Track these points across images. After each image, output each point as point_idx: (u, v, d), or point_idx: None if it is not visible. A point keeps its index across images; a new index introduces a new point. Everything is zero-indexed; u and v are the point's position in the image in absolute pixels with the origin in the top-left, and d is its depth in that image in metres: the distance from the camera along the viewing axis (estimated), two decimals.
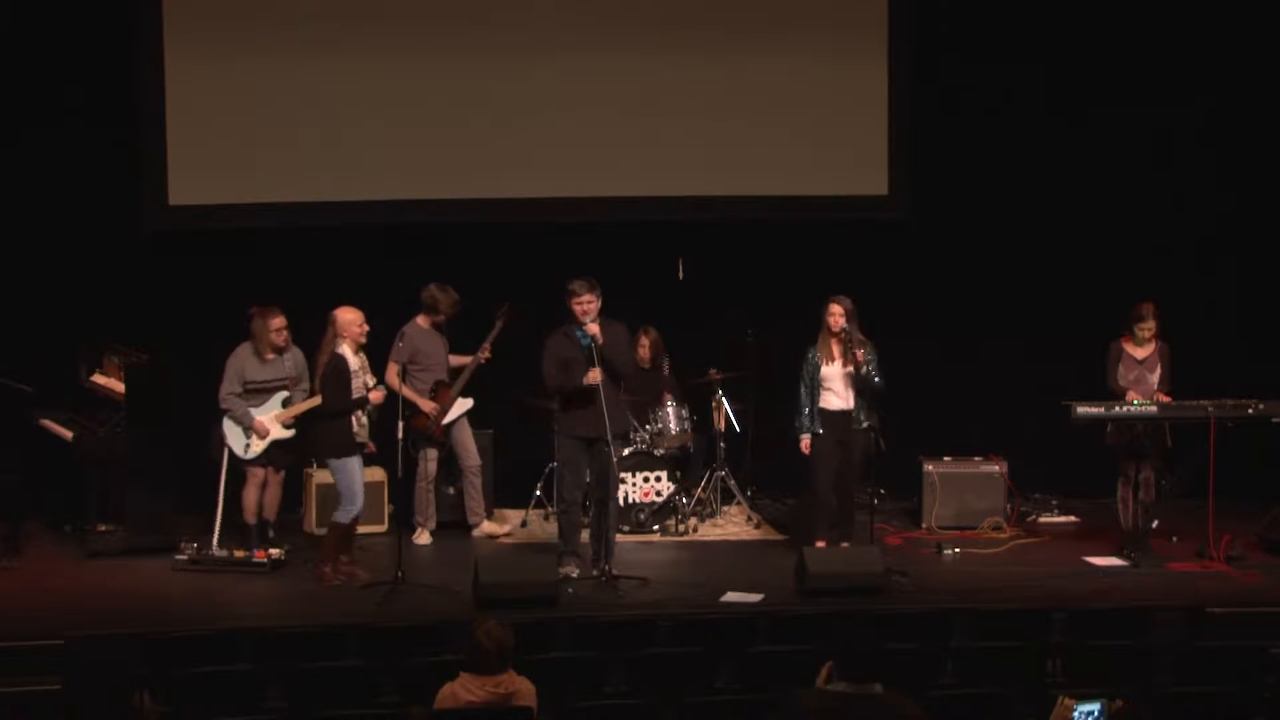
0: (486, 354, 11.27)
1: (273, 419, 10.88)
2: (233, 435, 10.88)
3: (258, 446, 10.88)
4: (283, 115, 11.97)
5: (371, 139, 12.06)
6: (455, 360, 11.40)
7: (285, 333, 10.90)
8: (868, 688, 6.31)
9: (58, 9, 11.71)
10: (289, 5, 12.03)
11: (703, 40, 12.32)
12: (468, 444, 11.46)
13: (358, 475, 10.28)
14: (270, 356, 10.91)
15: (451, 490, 11.70)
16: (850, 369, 10.55)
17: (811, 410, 10.68)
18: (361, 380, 10.24)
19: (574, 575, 10.35)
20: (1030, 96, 12.73)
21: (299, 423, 10.90)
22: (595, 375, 10.14)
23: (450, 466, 11.60)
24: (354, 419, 10.21)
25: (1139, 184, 12.85)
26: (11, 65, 11.71)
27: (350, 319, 10.19)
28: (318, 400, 10.45)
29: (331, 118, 12.00)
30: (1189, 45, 12.70)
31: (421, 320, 11.30)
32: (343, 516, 10.32)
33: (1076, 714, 6.71)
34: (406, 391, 10.77)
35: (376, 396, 10.27)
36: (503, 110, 12.16)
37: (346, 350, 10.19)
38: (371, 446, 10.45)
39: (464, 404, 11.41)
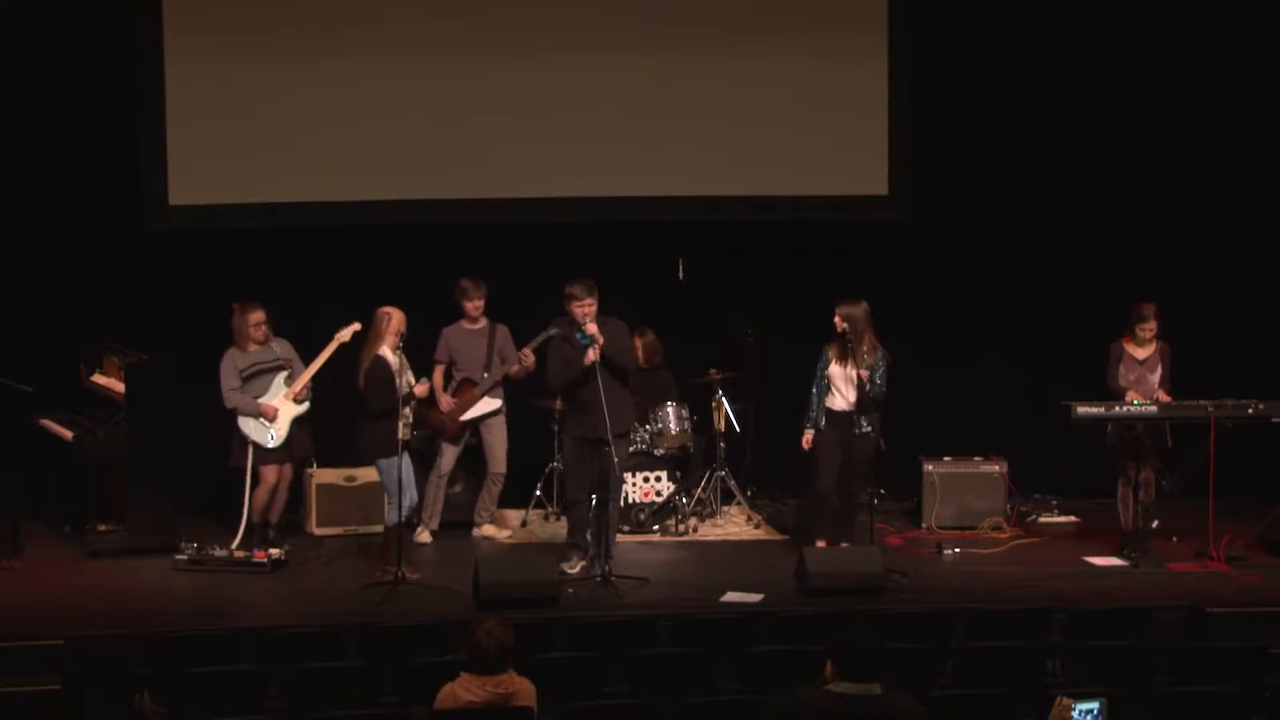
0: (530, 359, 11.09)
1: (282, 399, 10.87)
2: (254, 431, 10.84)
3: (281, 431, 10.84)
4: (282, 115, 11.97)
5: (371, 139, 12.05)
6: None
7: (264, 328, 10.90)
8: (868, 688, 6.31)
9: (58, 9, 11.71)
10: (289, 5, 12.02)
11: (703, 40, 12.31)
12: (497, 449, 11.41)
13: (406, 473, 10.30)
14: (252, 348, 10.91)
15: (456, 489, 11.69)
16: (852, 372, 10.56)
17: (818, 408, 10.69)
18: (404, 379, 10.30)
19: (577, 571, 10.39)
20: (1030, 95, 12.72)
21: (313, 400, 10.89)
22: (593, 355, 10.17)
23: (463, 467, 11.58)
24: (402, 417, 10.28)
25: (1140, 183, 12.84)
26: (11, 65, 11.71)
27: (391, 318, 10.33)
28: (315, 366, 10.53)
29: (331, 118, 11.99)
30: (1190, 44, 12.71)
31: (464, 322, 11.33)
32: (391, 517, 10.33)
33: (1076, 713, 6.71)
34: (436, 386, 11.07)
35: (420, 390, 10.41)
36: (502, 110, 12.15)
37: (386, 350, 10.27)
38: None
39: (489, 404, 11.33)
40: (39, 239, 11.89)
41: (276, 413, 10.82)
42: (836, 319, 10.59)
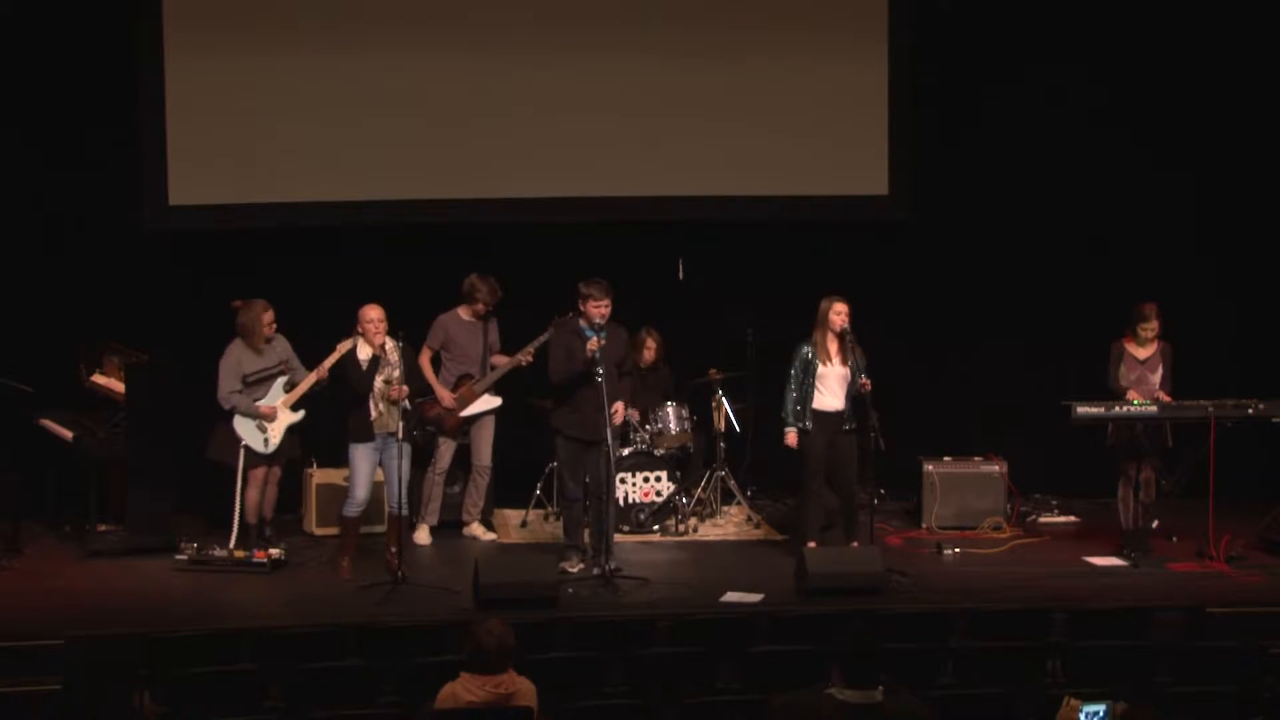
0: (529, 358, 11.12)
1: (281, 404, 10.88)
2: (249, 434, 10.84)
3: (276, 438, 10.85)
4: (283, 115, 11.97)
5: (371, 139, 12.06)
6: (498, 360, 11.37)
7: (274, 325, 10.95)
8: (870, 695, 6.26)
9: (58, 9, 11.71)
10: (289, 5, 12.03)
11: (703, 40, 12.32)
12: (482, 444, 11.42)
13: (359, 467, 10.40)
14: (263, 347, 10.92)
15: (455, 489, 11.68)
16: (847, 369, 10.54)
17: (802, 405, 10.64)
18: (387, 372, 10.30)
19: (575, 571, 10.39)
20: (1030, 96, 12.73)
21: (307, 405, 10.90)
22: (595, 343, 10.19)
23: (462, 466, 11.58)
24: (372, 407, 10.33)
25: (1139, 183, 12.84)
26: (11, 65, 11.71)
27: (360, 315, 10.36)
28: (315, 376, 10.59)
29: (331, 117, 12.00)
30: (1195, 43, 12.71)
31: (462, 311, 11.30)
32: (344, 510, 10.51)
33: (1083, 716, 6.70)
34: (430, 378, 10.99)
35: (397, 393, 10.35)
36: (502, 110, 12.16)
37: (361, 344, 10.33)
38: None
39: (490, 401, 11.35)
40: (39, 239, 11.88)
41: (275, 413, 10.82)
42: (844, 316, 10.53)
